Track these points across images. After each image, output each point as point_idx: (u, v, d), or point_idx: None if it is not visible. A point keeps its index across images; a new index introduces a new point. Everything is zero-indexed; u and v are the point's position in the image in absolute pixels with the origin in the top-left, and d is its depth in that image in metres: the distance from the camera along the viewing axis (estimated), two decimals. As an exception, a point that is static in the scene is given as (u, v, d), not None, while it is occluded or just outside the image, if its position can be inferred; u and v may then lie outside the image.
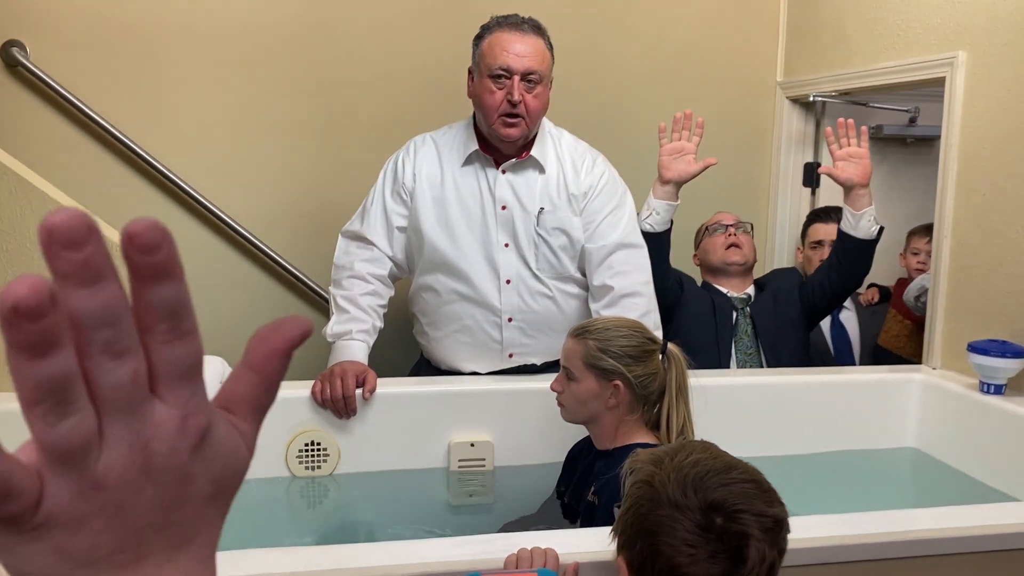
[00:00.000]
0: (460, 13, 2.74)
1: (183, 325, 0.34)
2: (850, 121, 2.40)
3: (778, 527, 1.02)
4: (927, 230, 2.85)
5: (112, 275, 0.32)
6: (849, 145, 2.39)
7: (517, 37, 2.02)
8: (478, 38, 2.08)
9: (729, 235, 2.64)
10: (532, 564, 1.19)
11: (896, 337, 2.82)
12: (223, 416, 0.37)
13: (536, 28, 2.06)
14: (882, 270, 3.11)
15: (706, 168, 2.40)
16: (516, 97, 2.01)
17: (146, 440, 0.34)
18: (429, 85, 2.80)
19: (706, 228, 2.72)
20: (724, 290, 2.62)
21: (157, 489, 0.34)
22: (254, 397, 0.38)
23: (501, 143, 2.10)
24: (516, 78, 2.01)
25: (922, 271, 2.83)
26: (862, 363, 2.85)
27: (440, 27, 2.81)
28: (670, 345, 1.65)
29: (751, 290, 2.65)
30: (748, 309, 2.59)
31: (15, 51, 2.54)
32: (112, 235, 1.97)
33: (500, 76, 2.02)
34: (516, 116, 2.04)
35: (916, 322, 2.76)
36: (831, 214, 2.90)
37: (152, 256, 0.32)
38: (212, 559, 0.38)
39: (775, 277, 2.77)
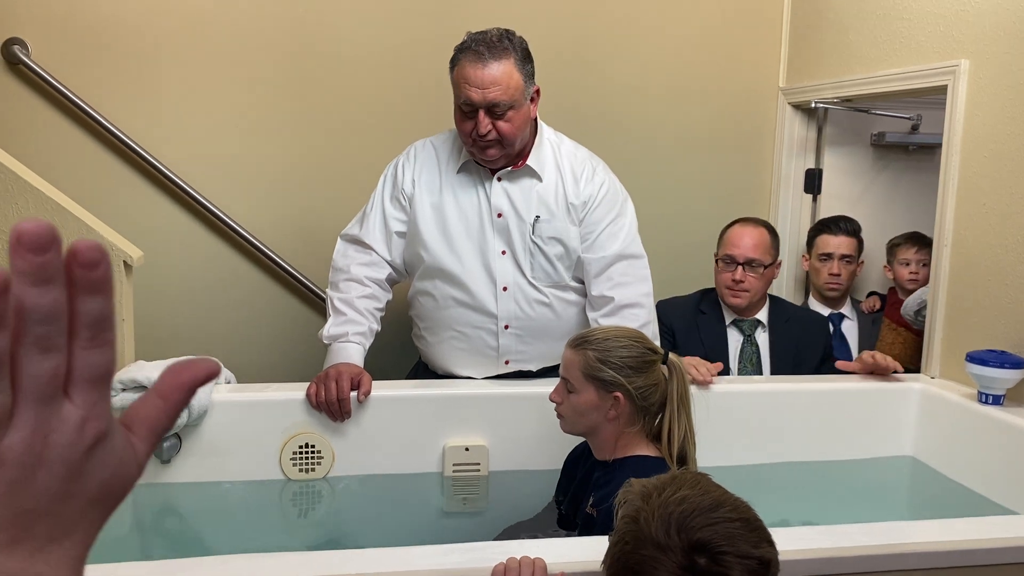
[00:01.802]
0: (461, 16, 2.73)
1: (103, 336, 0.38)
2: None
3: (763, 569, 0.99)
4: (909, 239, 2.86)
5: (60, 282, 0.36)
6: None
7: (478, 69, 1.96)
8: (451, 63, 2.04)
9: (736, 277, 2.44)
10: (520, 574, 1.18)
11: (891, 345, 2.81)
12: (123, 431, 0.41)
13: (501, 51, 1.97)
14: (881, 278, 3.10)
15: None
16: (482, 131, 1.99)
17: (48, 431, 0.38)
18: (431, 89, 2.79)
19: (716, 255, 2.54)
20: (728, 317, 2.50)
21: (48, 478, 0.38)
22: (155, 420, 0.42)
23: (484, 163, 2.10)
24: (481, 112, 1.98)
25: (915, 280, 2.82)
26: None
27: (442, 31, 2.80)
28: (671, 355, 1.62)
29: (763, 315, 2.51)
30: (755, 336, 2.48)
31: (16, 49, 2.54)
32: (108, 234, 1.97)
33: (466, 109, 2.00)
34: (489, 142, 2.02)
35: (912, 332, 2.75)
36: (839, 224, 2.89)
37: (90, 272, 0.37)
38: (82, 561, 0.41)
39: (802, 321, 2.55)
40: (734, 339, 2.50)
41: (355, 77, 2.81)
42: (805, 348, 2.47)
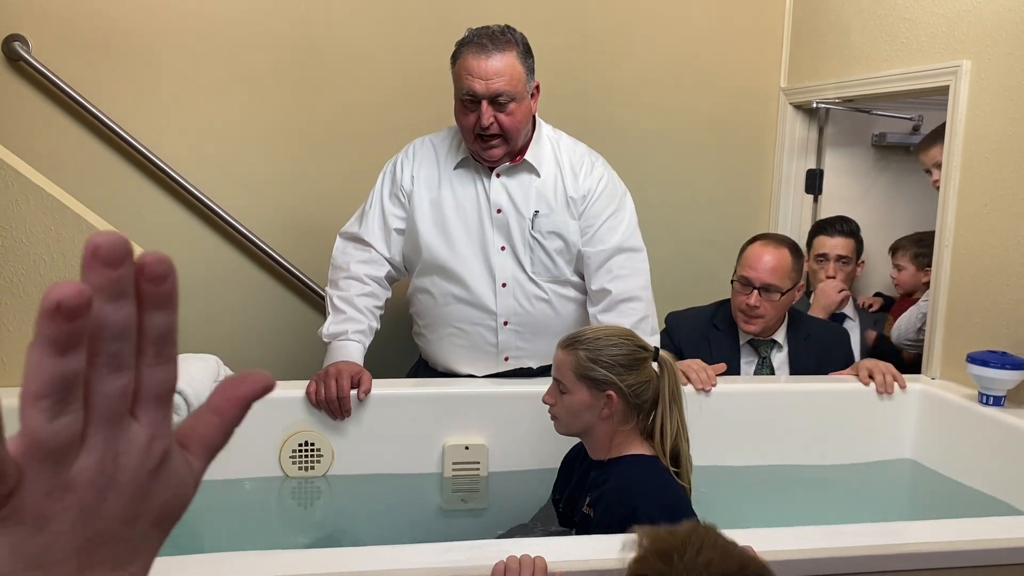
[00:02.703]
0: (461, 14, 2.73)
1: (168, 351, 0.38)
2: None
3: None
4: (901, 241, 2.87)
5: (132, 297, 0.35)
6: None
7: (482, 60, 1.96)
8: (452, 57, 2.04)
9: (751, 302, 2.31)
10: (520, 573, 1.18)
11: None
12: (178, 449, 0.40)
13: (504, 44, 1.98)
14: (884, 278, 3.10)
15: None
16: (485, 122, 1.99)
17: (117, 452, 0.37)
18: (430, 87, 2.79)
19: (734, 275, 2.41)
20: (743, 337, 2.41)
21: (117, 501, 0.37)
22: (210, 437, 0.41)
23: (485, 160, 2.10)
24: (484, 103, 1.98)
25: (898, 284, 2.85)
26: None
27: (442, 29, 2.79)
28: (662, 352, 1.63)
29: (781, 334, 2.41)
30: (771, 358, 2.40)
31: (17, 45, 2.53)
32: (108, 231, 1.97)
33: (468, 100, 2.00)
34: (492, 136, 2.02)
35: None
36: (835, 225, 2.89)
37: (158, 286, 0.36)
38: None
39: (823, 337, 2.48)
40: (748, 360, 2.42)
41: (355, 75, 2.81)
42: (826, 365, 2.40)
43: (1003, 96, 2.17)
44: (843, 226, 2.88)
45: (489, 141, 2.03)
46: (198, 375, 1.91)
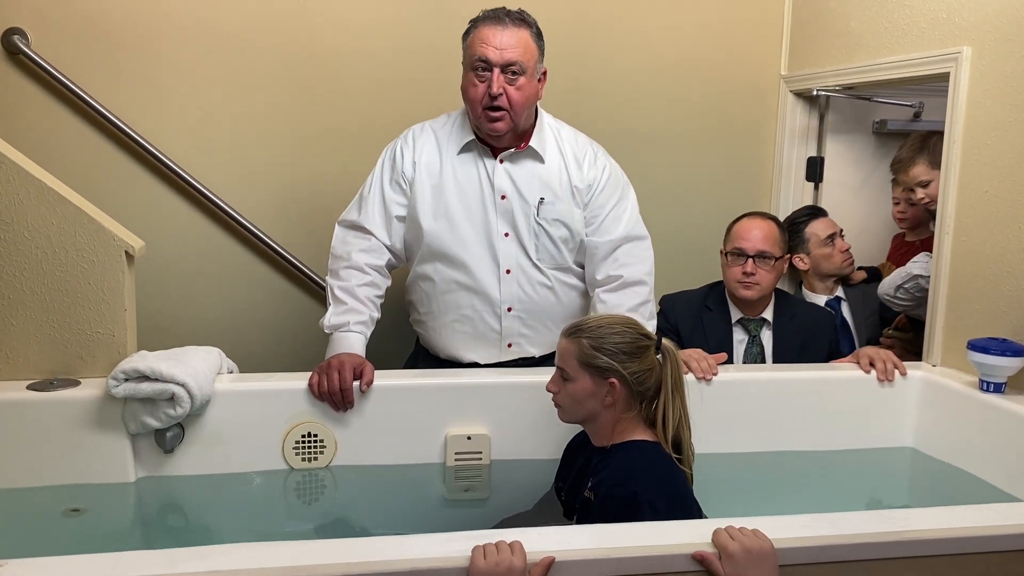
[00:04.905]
0: (458, 7, 2.72)
1: None
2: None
3: None
4: (900, 164, 2.77)
5: None
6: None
7: (498, 30, 2.01)
8: (465, 34, 2.08)
9: (747, 270, 2.41)
10: (499, 552, 1.19)
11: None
12: None
13: (520, 20, 2.04)
14: (870, 252, 3.10)
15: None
16: (496, 90, 2.00)
17: None
18: (428, 75, 2.79)
19: (725, 249, 2.51)
20: (735, 316, 2.48)
21: None
22: None
23: (489, 136, 2.10)
24: (496, 70, 2.00)
25: (902, 219, 2.84)
26: (866, 344, 2.82)
27: (439, 19, 2.80)
28: (664, 340, 1.64)
29: (770, 313, 2.49)
30: (760, 336, 2.46)
31: (16, 39, 2.54)
32: (109, 224, 1.97)
33: (481, 68, 2.01)
34: (499, 109, 2.03)
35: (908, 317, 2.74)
36: (817, 208, 2.92)
37: None
38: None
39: (807, 318, 2.53)
40: (739, 338, 2.48)
41: (353, 64, 2.81)
42: (810, 345, 2.44)
43: (1003, 82, 2.17)
44: (819, 208, 2.93)
45: (495, 112, 2.03)
46: (201, 367, 1.92)
